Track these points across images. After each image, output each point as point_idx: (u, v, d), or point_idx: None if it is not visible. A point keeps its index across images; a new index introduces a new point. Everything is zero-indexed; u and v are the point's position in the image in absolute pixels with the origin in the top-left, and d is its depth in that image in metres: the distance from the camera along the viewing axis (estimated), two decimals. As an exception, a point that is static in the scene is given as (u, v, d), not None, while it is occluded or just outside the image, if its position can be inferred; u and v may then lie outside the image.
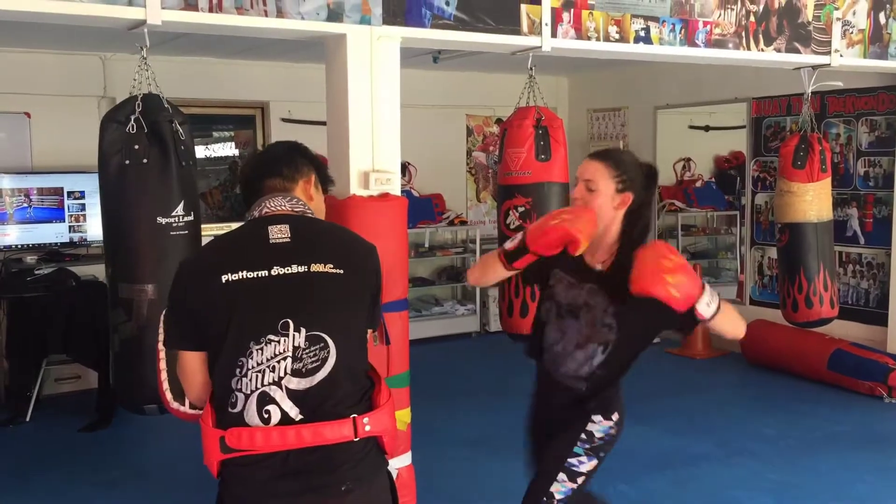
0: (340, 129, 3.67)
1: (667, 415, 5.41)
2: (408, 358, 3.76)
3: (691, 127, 8.29)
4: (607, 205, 2.49)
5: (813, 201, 4.92)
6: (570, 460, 2.56)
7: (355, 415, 1.94)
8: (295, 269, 1.95)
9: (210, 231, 7.19)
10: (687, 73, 7.02)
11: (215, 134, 7.99)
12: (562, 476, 2.56)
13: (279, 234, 1.99)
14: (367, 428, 1.94)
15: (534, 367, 2.87)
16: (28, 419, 5.34)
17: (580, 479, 2.57)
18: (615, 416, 2.62)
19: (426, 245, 7.70)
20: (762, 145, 6.88)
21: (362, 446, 1.97)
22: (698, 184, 8.33)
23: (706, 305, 2.29)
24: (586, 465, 2.57)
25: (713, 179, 8.53)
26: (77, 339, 5.37)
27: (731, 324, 2.39)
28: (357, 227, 3.56)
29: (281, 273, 1.93)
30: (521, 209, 4.05)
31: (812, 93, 5.00)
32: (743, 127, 7.11)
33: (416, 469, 3.85)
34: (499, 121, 8.18)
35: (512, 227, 4.10)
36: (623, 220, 2.53)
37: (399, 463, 3.75)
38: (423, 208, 7.47)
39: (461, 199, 8.20)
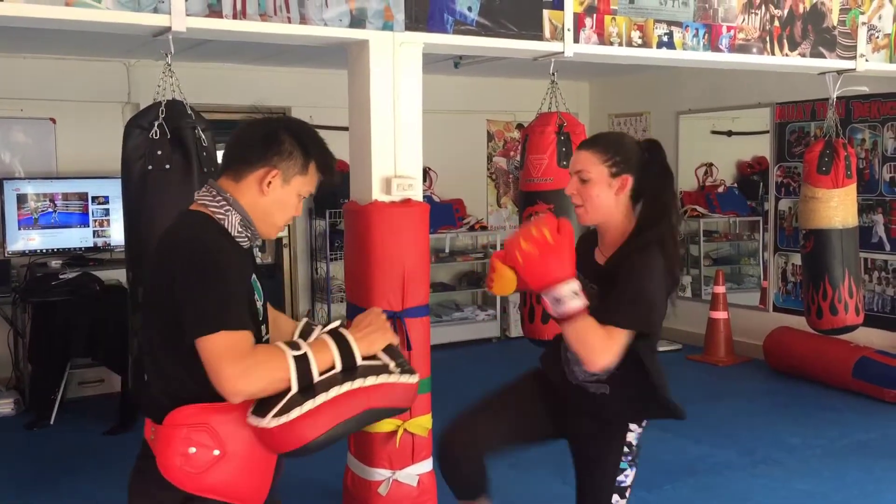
0: (362, 135, 3.68)
1: (689, 422, 5.31)
2: (429, 363, 3.76)
3: (714, 132, 8.24)
4: (605, 193, 2.34)
5: (838, 207, 4.87)
6: (619, 478, 2.45)
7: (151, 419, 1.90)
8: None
9: (232, 236, 7.23)
10: (710, 78, 6.98)
11: (237, 139, 8.05)
12: (616, 498, 2.46)
13: None
14: (152, 437, 1.88)
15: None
16: (52, 422, 5.38)
17: (628, 493, 2.49)
18: (645, 423, 2.52)
19: (447, 250, 7.70)
20: (786, 151, 6.82)
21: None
22: (720, 189, 8.27)
23: (554, 300, 2.14)
24: (630, 476, 2.49)
25: (735, 185, 8.46)
26: (101, 343, 5.42)
27: (581, 342, 2.17)
28: (379, 232, 3.58)
29: None
30: (542, 216, 4.04)
31: (837, 98, 4.95)
32: (766, 132, 7.05)
33: (437, 475, 3.84)
34: (519, 126, 8.17)
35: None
36: (631, 207, 2.38)
37: (420, 469, 3.75)
38: (443, 214, 7.47)
39: (482, 204, 8.19)
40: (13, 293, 5.61)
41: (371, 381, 1.77)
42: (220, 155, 2.50)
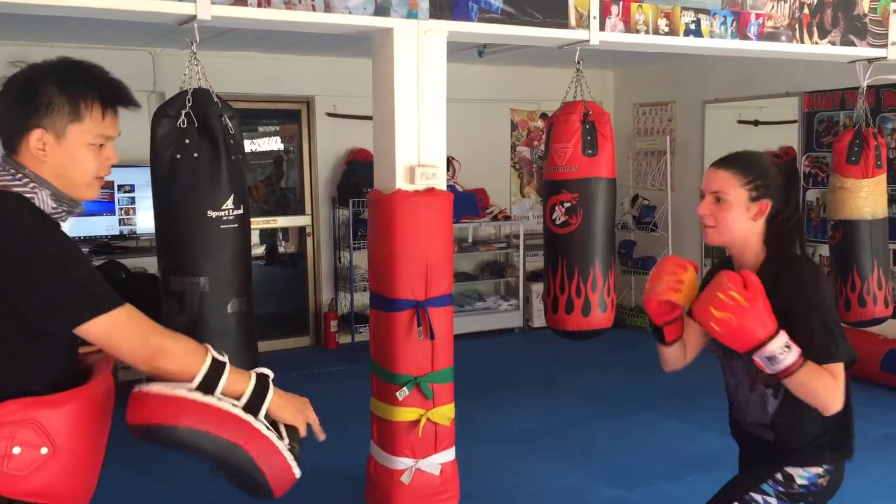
0: (386, 124, 3.68)
1: (714, 414, 5.31)
2: (452, 352, 3.76)
3: (740, 122, 8.15)
4: (742, 217, 2.19)
5: (867, 198, 4.80)
6: (753, 495, 2.20)
7: None
8: None
9: (257, 225, 7.29)
10: (737, 66, 6.89)
11: (261, 129, 8.07)
12: None
13: None
14: None
15: (573, 361, 2.69)
16: None
17: None
18: (823, 467, 2.21)
19: (469, 240, 7.69)
20: (814, 140, 6.73)
21: None
22: (747, 179, 8.19)
23: (767, 360, 2.00)
24: None
25: (762, 175, 8.37)
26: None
27: (810, 392, 2.03)
28: (402, 222, 3.57)
29: None
30: (567, 205, 4.02)
31: (867, 86, 4.87)
32: (794, 122, 6.96)
33: (459, 464, 3.85)
34: (543, 115, 8.13)
35: (557, 223, 4.07)
36: (765, 232, 2.23)
37: (443, 458, 3.75)
38: (466, 203, 7.46)
39: (505, 193, 8.17)
40: None
41: (261, 427, 1.68)
42: (247, 143, 2.47)
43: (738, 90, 7.27)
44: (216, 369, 1.67)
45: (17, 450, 1.58)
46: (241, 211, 3.22)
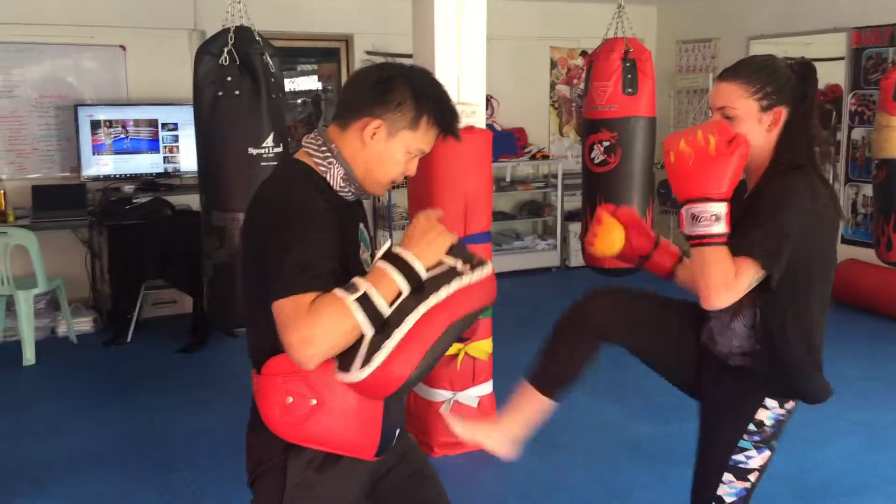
0: (426, 62, 3.68)
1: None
2: (490, 290, 3.82)
3: (786, 58, 7.96)
4: (755, 130, 1.97)
5: (914, 137, 4.73)
6: (734, 457, 2.11)
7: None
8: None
9: (296, 163, 7.34)
10: (783, 1, 6.73)
11: (299, 67, 8.07)
12: (728, 477, 2.12)
13: None
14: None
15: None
16: (129, 340, 5.64)
17: (752, 476, 2.12)
18: (789, 405, 2.12)
19: (508, 179, 7.69)
20: (861, 78, 6.58)
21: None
22: (791, 118, 8.04)
23: (691, 216, 1.87)
24: (757, 458, 2.11)
25: (807, 114, 8.21)
26: (173, 265, 5.61)
27: (705, 272, 1.88)
28: (442, 159, 3.61)
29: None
30: (606, 144, 4.02)
31: (918, 22, 4.75)
32: (842, 58, 6.80)
33: (496, 398, 3.95)
34: (583, 53, 8.02)
35: (596, 161, 4.08)
36: (780, 141, 2.01)
37: (480, 391, 3.86)
38: (505, 142, 7.44)
39: (543, 133, 8.12)
40: (89, 216, 5.83)
41: (444, 292, 1.62)
42: (286, 82, 2.47)
43: (784, 26, 7.10)
44: (366, 305, 1.58)
45: (289, 399, 1.68)
46: (280, 149, 3.28)
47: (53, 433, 4.22)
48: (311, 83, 8.14)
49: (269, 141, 3.27)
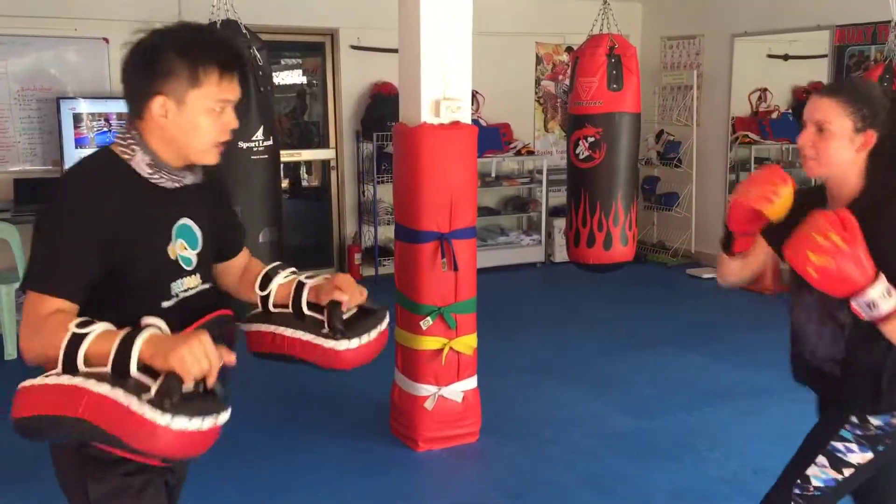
0: (412, 57, 3.69)
1: (731, 348, 5.41)
2: (475, 284, 3.84)
3: (770, 56, 8.02)
4: (844, 148, 2.04)
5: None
6: (833, 443, 2.12)
7: None
8: None
9: (281, 158, 7.32)
10: (767, -1, 6.78)
11: (284, 62, 8.04)
12: (822, 459, 2.13)
13: None
14: None
15: (593, 294, 2.57)
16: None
17: (847, 471, 2.11)
18: (892, 413, 2.10)
19: (493, 175, 7.71)
20: (844, 75, 6.63)
21: None
22: (774, 115, 8.10)
23: (866, 305, 1.90)
24: (857, 455, 2.11)
25: (790, 111, 8.28)
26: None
27: None
28: (427, 154, 3.61)
29: None
30: (591, 139, 4.04)
31: (900, 20, 4.79)
32: (824, 56, 6.85)
33: (481, 393, 3.96)
34: (569, 49, 8.04)
35: (581, 157, 4.10)
36: (867, 164, 2.08)
37: (465, 386, 3.87)
38: (490, 137, 7.45)
39: (529, 128, 8.14)
40: (72, 210, 5.78)
41: (104, 388, 1.44)
42: (275, 75, 2.47)
43: (768, 23, 7.15)
44: (73, 343, 1.49)
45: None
46: (270, 142, 3.28)
47: (36, 428, 4.20)
48: (296, 77, 8.12)
49: (259, 134, 3.27)
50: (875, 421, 2.10)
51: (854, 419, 2.11)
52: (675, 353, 5.34)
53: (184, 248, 1.75)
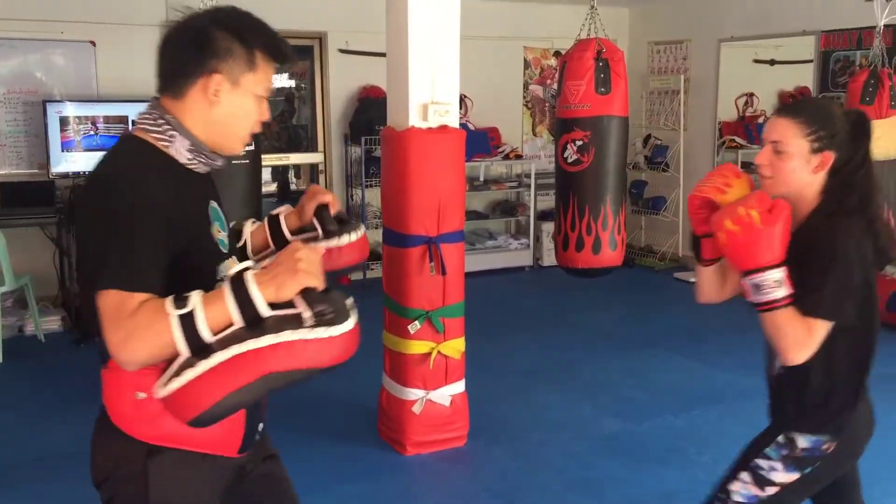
0: (400, 61, 3.69)
1: (719, 351, 5.43)
2: (463, 288, 3.83)
3: (756, 61, 8.07)
4: (801, 169, 2.05)
5: (881, 138, 4.72)
6: (757, 461, 2.13)
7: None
8: None
9: (269, 161, 7.33)
10: (753, 4, 6.82)
11: (273, 65, 8.02)
12: (745, 476, 2.14)
13: None
14: None
15: (582, 299, 2.61)
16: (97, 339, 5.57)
17: (770, 489, 2.10)
18: (824, 435, 2.09)
19: (481, 179, 7.71)
20: (830, 80, 6.68)
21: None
22: (761, 120, 8.14)
23: (754, 286, 1.94)
24: (780, 474, 2.10)
25: (776, 115, 8.32)
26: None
27: (778, 334, 1.95)
28: (416, 158, 3.61)
29: None
30: (579, 143, 4.04)
31: (885, 25, 4.83)
32: (810, 61, 6.90)
33: (469, 397, 3.96)
34: (557, 53, 8.07)
35: (569, 160, 4.10)
36: (825, 184, 2.08)
37: (453, 390, 3.86)
38: (478, 142, 7.46)
39: (517, 132, 8.15)
40: (58, 214, 5.75)
41: (267, 340, 1.42)
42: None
43: (755, 28, 7.19)
44: (188, 325, 1.43)
45: (140, 395, 1.57)
46: (251, 147, 3.27)
47: (22, 433, 4.17)
48: (283, 80, 8.10)
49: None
50: (802, 442, 2.09)
51: (781, 438, 2.11)
52: (663, 356, 5.35)
53: (218, 231, 1.73)
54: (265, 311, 1.44)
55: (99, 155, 1.70)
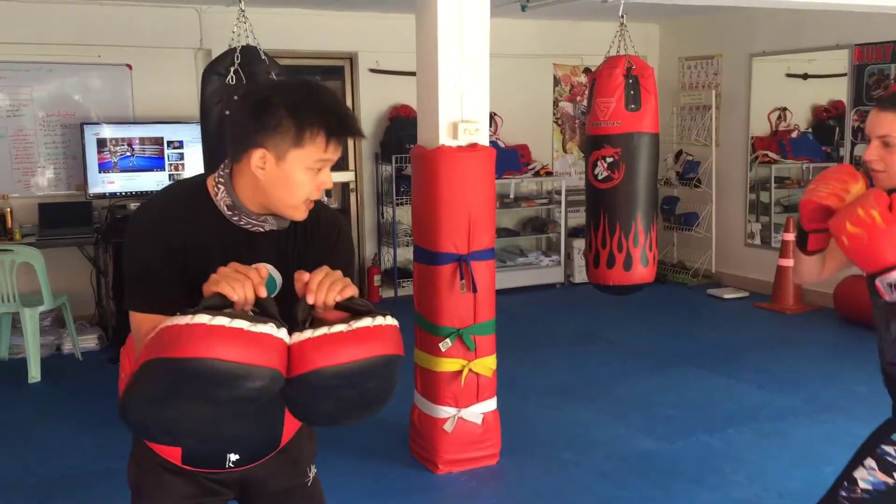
0: (430, 80, 3.71)
1: (754, 369, 5.36)
2: (494, 306, 3.83)
3: (789, 75, 8.00)
4: None
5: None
6: (883, 447, 2.13)
7: None
8: None
9: (301, 180, 7.34)
10: (785, 17, 6.77)
11: (305, 85, 8.11)
12: (870, 462, 2.14)
13: None
14: None
15: (614, 316, 2.56)
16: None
17: None
18: None
19: (511, 196, 7.71)
20: (864, 94, 6.60)
21: None
22: (794, 134, 8.05)
23: (888, 286, 1.95)
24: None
25: (810, 130, 8.23)
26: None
27: None
28: (446, 177, 3.63)
29: None
30: (609, 160, 4.04)
31: (920, 38, 4.77)
32: (844, 75, 6.82)
33: (500, 415, 3.94)
34: (587, 70, 8.06)
35: (600, 178, 4.10)
36: None
37: (485, 408, 3.85)
38: (508, 159, 7.46)
39: (547, 149, 8.15)
40: (95, 234, 5.85)
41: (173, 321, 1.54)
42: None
43: (787, 43, 7.13)
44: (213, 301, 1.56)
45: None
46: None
47: (58, 450, 4.22)
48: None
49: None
50: None
51: None
52: (697, 374, 5.29)
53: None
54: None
55: (135, 176, 1.84)
